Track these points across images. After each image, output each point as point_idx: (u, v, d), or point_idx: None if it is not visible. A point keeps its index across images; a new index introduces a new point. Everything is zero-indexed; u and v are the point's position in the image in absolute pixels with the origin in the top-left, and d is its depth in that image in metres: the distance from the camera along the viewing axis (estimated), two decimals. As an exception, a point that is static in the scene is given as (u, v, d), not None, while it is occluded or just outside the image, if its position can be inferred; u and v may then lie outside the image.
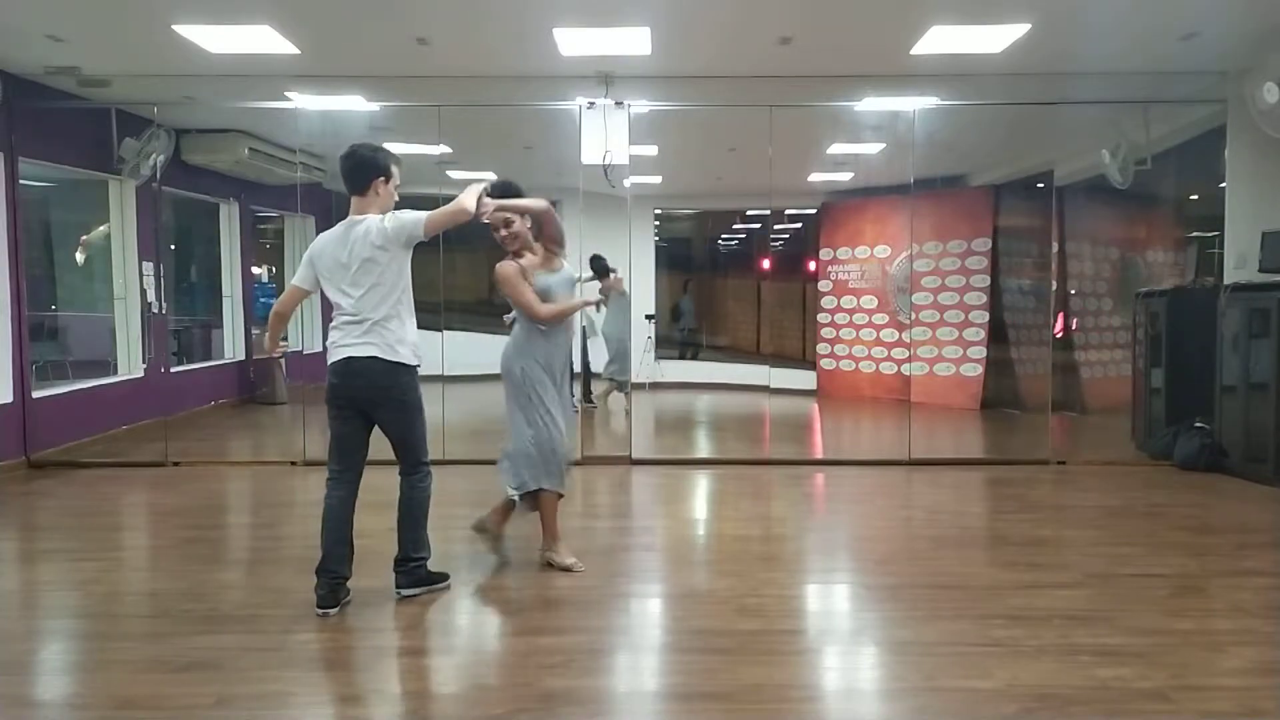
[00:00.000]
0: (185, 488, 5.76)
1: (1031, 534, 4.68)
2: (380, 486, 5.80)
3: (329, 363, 3.55)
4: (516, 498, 3.98)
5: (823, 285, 10.27)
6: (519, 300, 3.88)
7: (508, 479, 3.99)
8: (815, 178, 10.21)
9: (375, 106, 7.19)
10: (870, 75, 6.27)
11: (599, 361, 8.53)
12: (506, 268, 3.91)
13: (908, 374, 8.59)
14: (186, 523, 4.92)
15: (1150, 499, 5.47)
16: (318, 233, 3.72)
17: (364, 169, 3.57)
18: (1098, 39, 5.56)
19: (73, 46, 5.71)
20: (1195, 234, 7.70)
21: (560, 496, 4.03)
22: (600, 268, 7.52)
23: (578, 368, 8.22)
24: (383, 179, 3.59)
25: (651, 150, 7.97)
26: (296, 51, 5.71)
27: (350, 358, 3.48)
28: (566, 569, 3.97)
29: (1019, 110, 7.12)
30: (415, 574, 3.71)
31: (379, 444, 3.71)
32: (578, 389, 8.31)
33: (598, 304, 4.66)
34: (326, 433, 3.65)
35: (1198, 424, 6.29)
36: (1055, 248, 8.18)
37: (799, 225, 11.01)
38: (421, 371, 3.63)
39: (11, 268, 6.19)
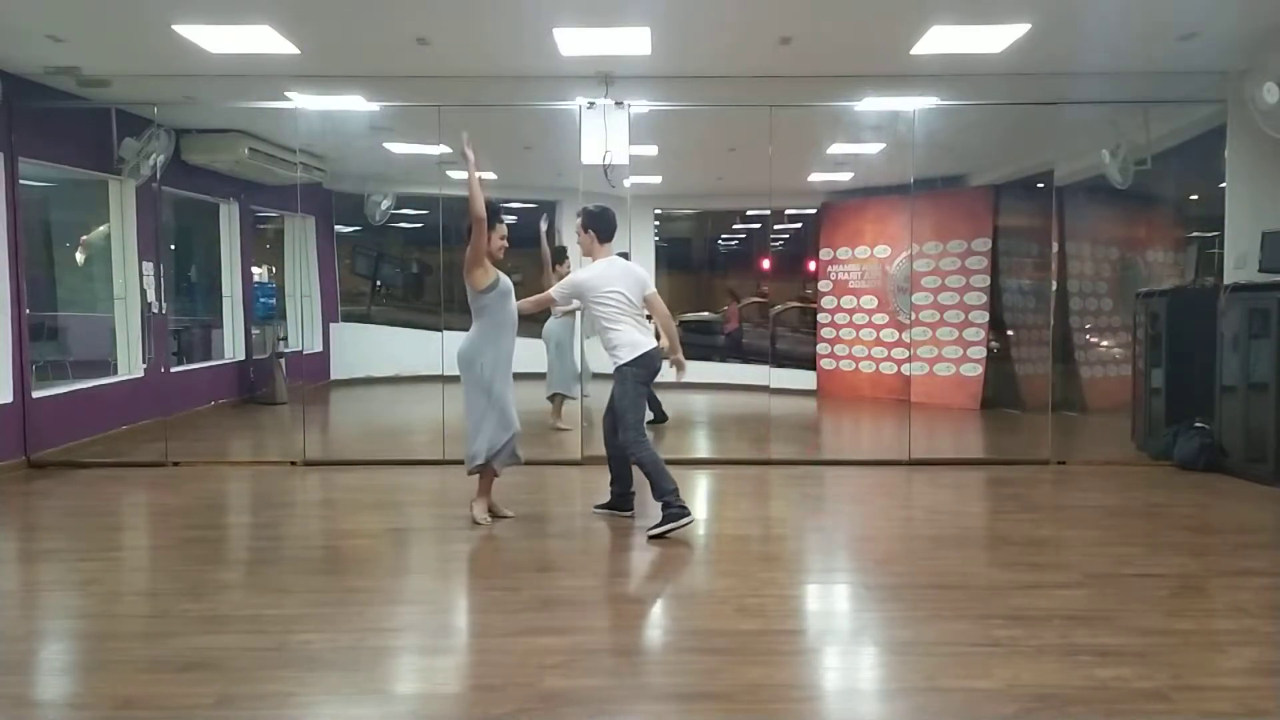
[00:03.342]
0: (185, 488, 5.77)
1: (1031, 534, 4.68)
2: (380, 487, 5.82)
3: (650, 350, 4.65)
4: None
5: (823, 285, 10.27)
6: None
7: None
8: (815, 178, 10.20)
9: (375, 106, 7.19)
10: (870, 75, 6.27)
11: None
12: None
13: (908, 374, 8.59)
14: (186, 523, 4.93)
15: (1150, 499, 5.47)
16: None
17: None
18: (1098, 39, 5.56)
19: (73, 46, 5.70)
20: (1195, 234, 7.69)
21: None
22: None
23: None
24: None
25: (651, 150, 7.97)
26: (296, 51, 5.71)
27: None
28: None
29: (1019, 110, 7.12)
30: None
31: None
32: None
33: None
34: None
35: (1198, 424, 6.30)
36: (1055, 248, 8.18)
37: (799, 225, 11.01)
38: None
39: (11, 268, 6.19)
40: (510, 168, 10.21)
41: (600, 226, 4.77)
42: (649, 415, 8.07)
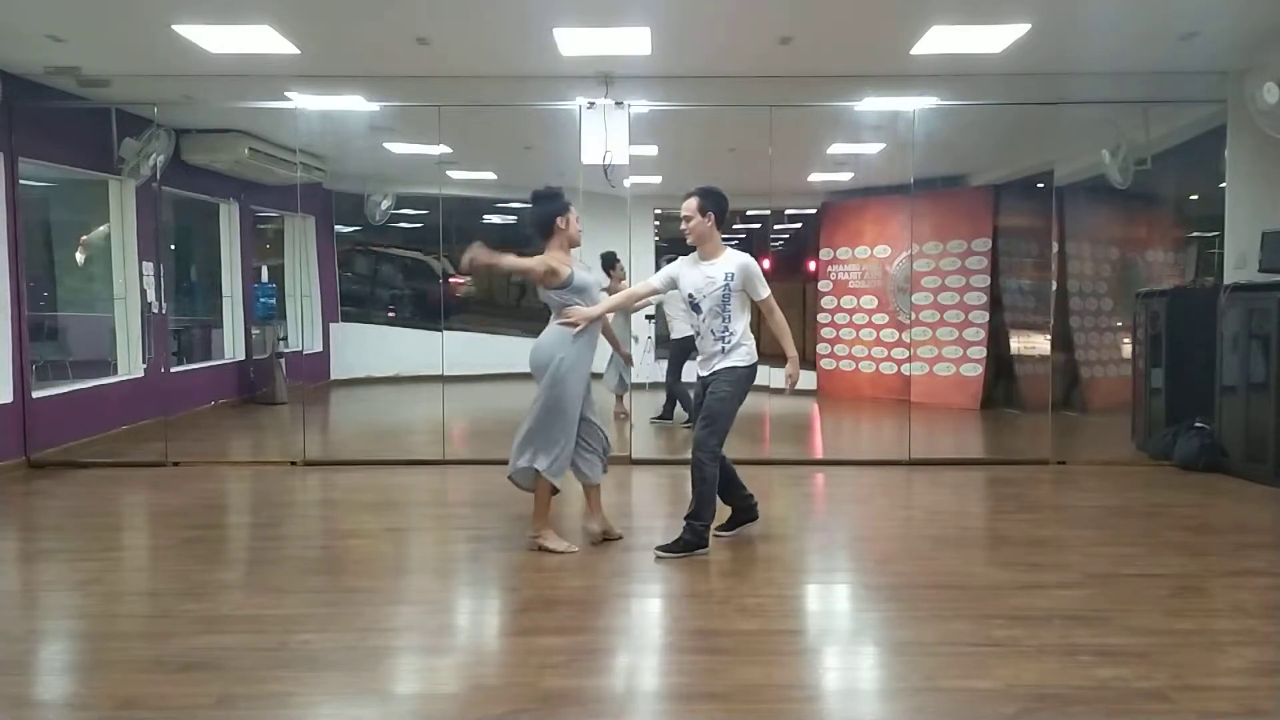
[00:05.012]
0: (185, 488, 5.77)
1: (1031, 534, 4.68)
2: (380, 487, 5.81)
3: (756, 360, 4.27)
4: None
5: (823, 285, 10.27)
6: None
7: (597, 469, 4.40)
8: (815, 178, 10.20)
9: (375, 106, 7.19)
10: (870, 75, 6.27)
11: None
12: None
13: (908, 374, 8.59)
14: (186, 523, 4.92)
15: (1150, 499, 5.47)
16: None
17: None
18: (1097, 39, 5.56)
19: (73, 46, 5.70)
20: (1195, 234, 7.70)
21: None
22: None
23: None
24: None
25: (651, 150, 7.97)
26: (296, 51, 5.71)
27: None
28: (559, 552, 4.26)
29: (1019, 110, 7.12)
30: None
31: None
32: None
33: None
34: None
35: (1198, 424, 6.29)
36: (1055, 248, 8.18)
37: (799, 225, 11.01)
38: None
39: (11, 268, 6.19)
40: (510, 168, 10.22)
41: (722, 208, 4.29)
42: (659, 412, 8.07)
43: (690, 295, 4.27)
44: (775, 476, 6.11)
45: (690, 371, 7.58)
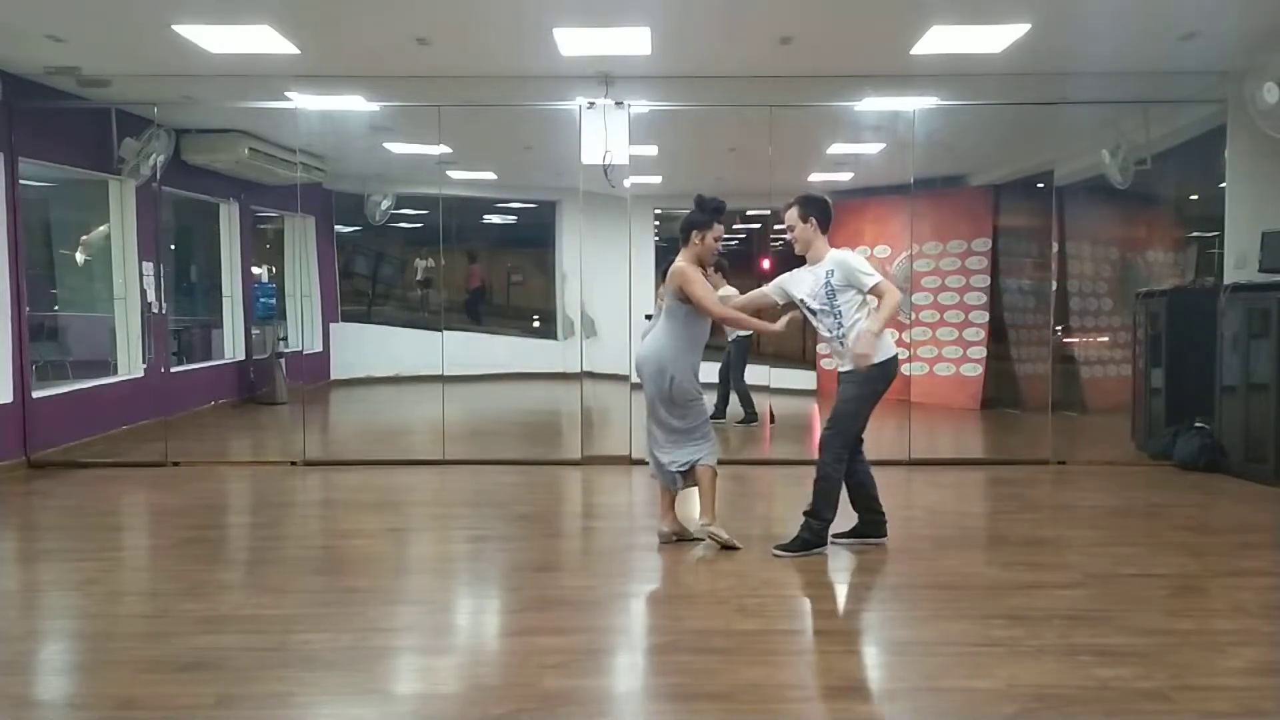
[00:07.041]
0: (185, 488, 5.76)
1: (1031, 534, 4.68)
2: (380, 487, 5.81)
3: (892, 357, 4.20)
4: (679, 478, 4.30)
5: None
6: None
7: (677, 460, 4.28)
8: (815, 178, 10.18)
9: (375, 106, 7.20)
10: (870, 75, 6.27)
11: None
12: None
13: (908, 374, 8.59)
14: (186, 523, 4.92)
15: (1150, 499, 5.47)
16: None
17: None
18: (1097, 39, 5.56)
19: (73, 46, 5.70)
20: (1195, 234, 7.69)
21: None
22: None
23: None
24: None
25: (651, 150, 7.96)
26: (296, 51, 5.71)
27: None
28: (729, 545, 4.25)
29: (1019, 110, 7.12)
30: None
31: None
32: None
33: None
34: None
35: (1198, 424, 6.29)
36: (1055, 248, 8.18)
37: (799, 225, 11.00)
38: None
39: (11, 268, 6.19)
40: (510, 168, 10.22)
41: (824, 214, 4.30)
42: (741, 414, 7.99)
43: (803, 300, 4.31)
44: (776, 476, 6.12)
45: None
